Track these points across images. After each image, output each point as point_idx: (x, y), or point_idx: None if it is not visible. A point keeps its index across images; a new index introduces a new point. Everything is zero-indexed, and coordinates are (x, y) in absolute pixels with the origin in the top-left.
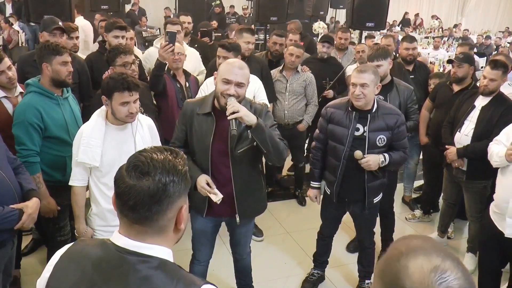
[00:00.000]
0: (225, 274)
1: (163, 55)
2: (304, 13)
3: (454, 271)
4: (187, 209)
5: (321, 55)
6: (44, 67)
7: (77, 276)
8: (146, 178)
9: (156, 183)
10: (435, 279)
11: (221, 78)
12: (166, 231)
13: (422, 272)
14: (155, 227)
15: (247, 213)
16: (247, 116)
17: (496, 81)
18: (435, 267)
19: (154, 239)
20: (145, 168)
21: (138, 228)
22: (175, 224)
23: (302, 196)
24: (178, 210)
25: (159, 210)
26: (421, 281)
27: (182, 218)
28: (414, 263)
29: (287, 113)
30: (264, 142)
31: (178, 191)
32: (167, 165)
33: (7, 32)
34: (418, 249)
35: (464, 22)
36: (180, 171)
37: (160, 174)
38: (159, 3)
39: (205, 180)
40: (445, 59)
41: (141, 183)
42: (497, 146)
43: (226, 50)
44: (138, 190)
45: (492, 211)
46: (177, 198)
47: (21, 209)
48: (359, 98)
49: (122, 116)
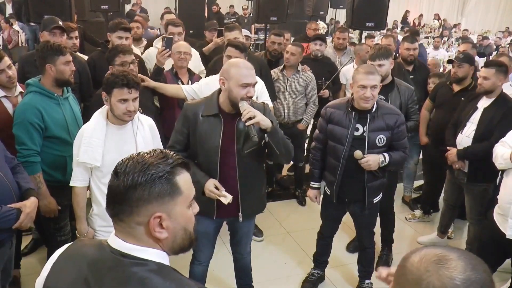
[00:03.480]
0: (225, 274)
1: (161, 60)
2: (304, 13)
3: (460, 263)
4: (173, 220)
5: (315, 53)
6: (48, 68)
7: (73, 276)
8: (117, 178)
9: (122, 183)
10: (433, 260)
11: (239, 84)
12: (138, 234)
13: (423, 256)
14: (126, 228)
15: (249, 211)
16: (264, 121)
17: (490, 80)
18: (438, 255)
19: (140, 241)
20: (119, 168)
21: (117, 227)
22: (149, 231)
23: (302, 196)
24: (149, 216)
25: (124, 210)
26: (418, 261)
27: (155, 226)
28: (421, 251)
29: (287, 112)
30: (278, 144)
31: (147, 195)
32: (139, 167)
33: (7, 32)
34: (434, 246)
35: (464, 22)
36: (156, 175)
37: (128, 175)
38: (159, 3)
39: (213, 184)
40: (445, 59)
41: (112, 183)
42: (502, 148)
43: (239, 50)
44: (110, 189)
45: (496, 212)
46: (145, 203)
47: (19, 209)
48: (368, 100)
49: (120, 113)
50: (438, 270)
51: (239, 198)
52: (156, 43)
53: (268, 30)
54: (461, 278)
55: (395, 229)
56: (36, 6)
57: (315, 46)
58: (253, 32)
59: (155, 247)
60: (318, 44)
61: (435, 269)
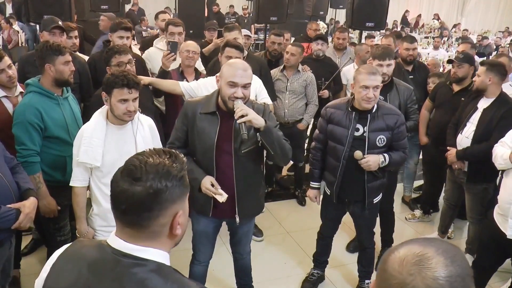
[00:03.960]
0: (225, 274)
1: (166, 63)
2: (304, 13)
3: (440, 259)
4: (185, 215)
5: (317, 53)
6: (47, 67)
7: (73, 277)
8: (138, 183)
9: (147, 189)
10: (414, 261)
11: (226, 81)
12: (159, 236)
13: (402, 258)
14: (146, 232)
15: (246, 213)
16: (256, 119)
17: (480, 77)
18: (417, 255)
19: (148, 243)
20: (137, 173)
21: (129, 232)
22: (170, 230)
23: (302, 196)
24: (172, 215)
25: (150, 217)
26: (399, 265)
27: (177, 224)
28: (399, 252)
29: (287, 111)
30: (272, 144)
31: (171, 197)
32: (160, 170)
33: (7, 32)
34: (409, 242)
35: (464, 22)
36: (176, 176)
37: (152, 180)
38: (159, 3)
39: (209, 182)
40: (445, 59)
41: (132, 189)
42: (502, 148)
43: (239, 51)
44: (129, 196)
45: (496, 212)
46: (171, 204)
47: (18, 209)
48: (370, 101)
49: (120, 113)
50: (420, 272)
51: (235, 199)
52: (156, 43)
53: (268, 30)
54: (444, 276)
55: (395, 229)
56: (36, 6)
57: (317, 46)
58: (253, 32)
59: (158, 247)
60: (320, 44)
61: (417, 271)
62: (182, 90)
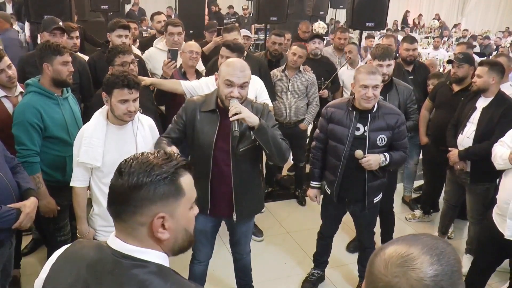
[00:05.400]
0: (225, 274)
1: (167, 71)
2: (304, 13)
3: (425, 258)
4: (174, 221)
5: (314, 52)
6: (45, 67)
7: (72, 278)
8: (121, 177)
9: (126, 182)
10: (398, 263)
11: (223, 80)
12: (139, 235)
13: (387, 260)
14: (126, 226)
15: (244, 212)
16: (249, 118)
17: (482, 78)
18: (401, 255)
19: (137, 242)
20: (123, 168)
21: (117, 226)
22: (151, 231)
23: (302, 196)
24: (152, 216)
25: (126, 210)
26: (384, 267)
27: (158, 227)
28: (385, 253)
29: (289, 111)
30: (266, 143)
31: (150, 195)
32: (144, 167)
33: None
34: (394, 242)
35: (464, 22)
36: (159, 175)
37: (132, 175)
38: (159, 3)
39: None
40: (445, 59)
41: (115, 182)
42: (501, 148)
43: (230, 50)
44: (112, 188)
45: (495, 212)
46: (149, 203)
47: (19, 209)
48: (370, 100)
49: (120, 113)
50: (405, 274)
51: (233, 197)
52: (156, 44)
53: (268, 30)
54: (429, 276)
55: (395, 229)
56: (36, 6)
57: (313, 45)
58: (253, 32)
59: (155, 248)
60: (317, 42)
61: (402, 273)
62: (184, 89)
